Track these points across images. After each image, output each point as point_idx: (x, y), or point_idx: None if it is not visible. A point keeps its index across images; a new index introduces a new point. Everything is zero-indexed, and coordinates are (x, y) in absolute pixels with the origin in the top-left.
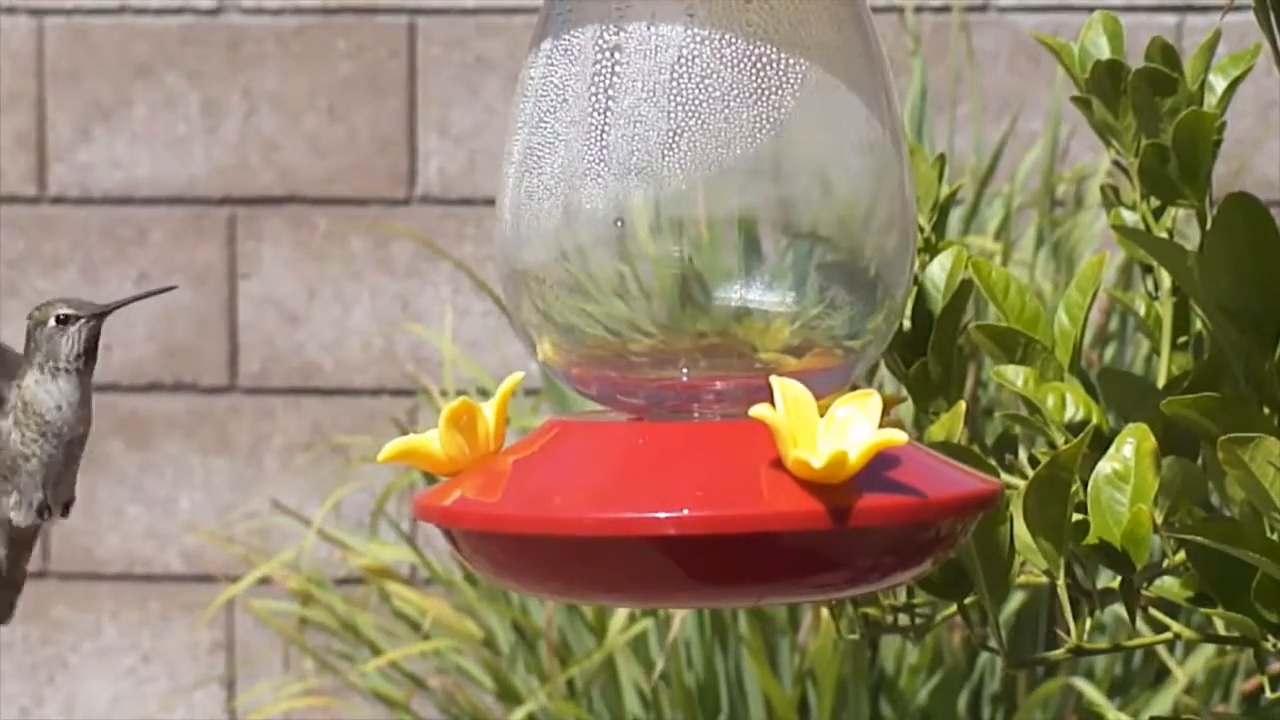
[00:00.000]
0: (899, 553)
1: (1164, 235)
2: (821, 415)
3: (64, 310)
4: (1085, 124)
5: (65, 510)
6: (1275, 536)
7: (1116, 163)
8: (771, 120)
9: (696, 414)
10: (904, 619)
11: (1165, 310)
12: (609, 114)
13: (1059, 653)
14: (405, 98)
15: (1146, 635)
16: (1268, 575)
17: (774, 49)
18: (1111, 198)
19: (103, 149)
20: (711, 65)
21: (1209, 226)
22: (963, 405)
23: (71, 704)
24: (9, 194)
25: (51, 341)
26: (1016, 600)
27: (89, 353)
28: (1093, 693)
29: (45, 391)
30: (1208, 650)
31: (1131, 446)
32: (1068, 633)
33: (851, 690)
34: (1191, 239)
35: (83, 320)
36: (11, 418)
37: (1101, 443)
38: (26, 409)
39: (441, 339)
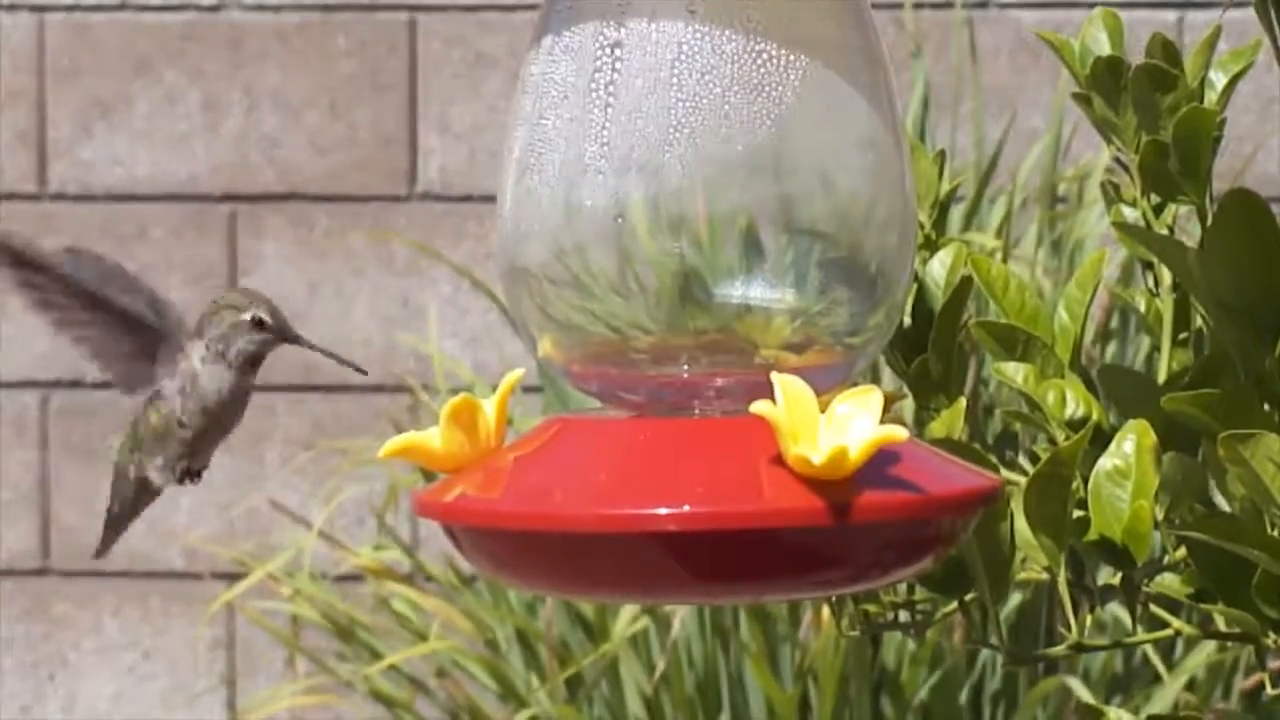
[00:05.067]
0: (899, 549)
1: (1164, 232)
2: (822, 411)
3: (263, 315)
4: (1086, 120)
5: (197, 476)
6: (1276, 533)
7: (1117, 159)
8: (771, 117)
9: (697, 410)
10: (905, 616)
11: (1166, 307)
12: (609, 110)
13: (1059, 649)
14: (406, 95)
15: (1146, 632)
16: (1268, 571)
17: (774, 45)
18: (1112, 194)
19: (103, 146)
20: (711, 62)
21: (1210, 223)
22: (963, 402)
23: (72, 701)
24: (9, 191)
25: (235, 333)
26: (1017, 597)
27: (256, 360)
28: (1085, 693)
29: (210, 374)
30: (1208, 647)
31: (1132, 443)
32: (1069, 629)
33: (853, 688)
34: (1192, 235)
35: (272, 335)
36: (179, 384)
37: (1102, 439)
38: (195, 382)
39: (436, 338)
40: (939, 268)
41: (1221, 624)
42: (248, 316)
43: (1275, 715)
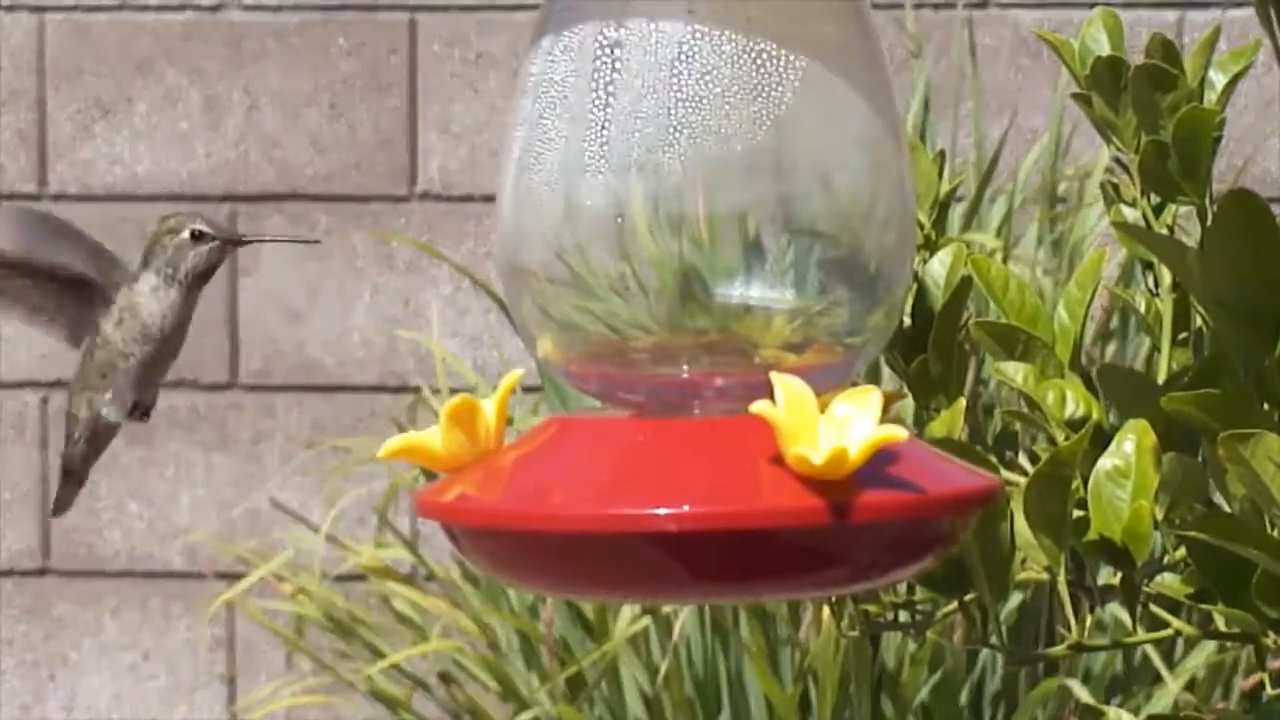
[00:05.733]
0: (899, 549)
1: (1164, 232)
2: (822, 411)
3: (200, 227)
4: (1086, 120)
5: (146, 414)
6: (1276, 533)
7: (1117, 159)
8: (771, 117)
9: (697, 410)
10: (905, 616)
11: (1166, 307)
12: (609, 110)
13: (1059, 649)
14: (406, 94)
15: (1146, 632)
16: (1268, 571)
17: (773, 45)
18: (1112, 194)
19: (104, 146)
20: (711, 61)
21: (1209, 223)
22: (963, 402)
23: (72, 701)
24: (10, 191)
25: (178, 252)
26: (1017, 597)
27: (208, 273)
28: (1085, 694)
29: (156, 299)
30: (1209, 647)
31: (1132, 443)
32: (1069, 629)
33: (853, 688)
34: (1192, 235)
35: (216, 242)
36: (116, 317)
37: (1102, 439)
38: (134, 312)
39: (437, 337)
40: (939, 268)
41: (1221, 624)
42: (186, 233)
43: (1275, 715)
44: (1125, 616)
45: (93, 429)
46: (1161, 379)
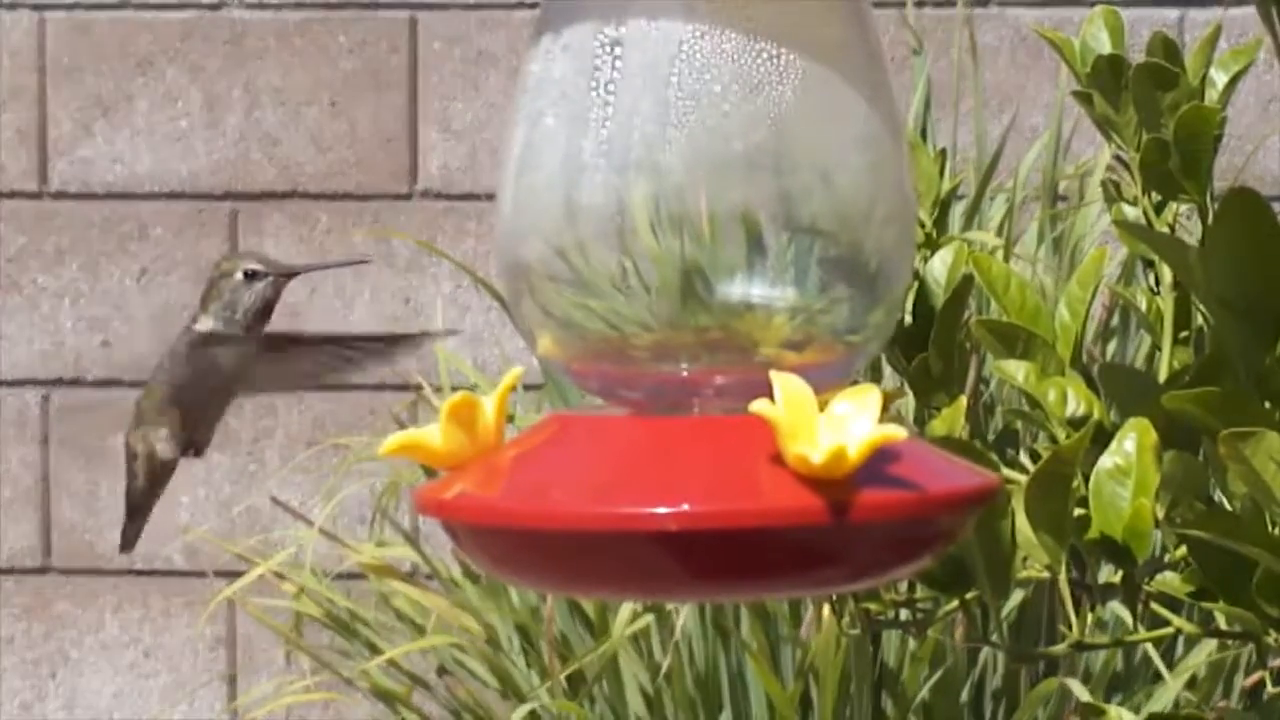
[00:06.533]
0: (898, 547)
1: (1165, 230)
2: (822, 410)
3: (253, 266)
4: (1087, 118)
5: (200, 451)
6: (1276, 531)
7: (1118, 157)
8: (771, 114)
9: (696, 409)
10: (906, 614)
11: (1167, 305)
12: (609, 108)
13: (1060, 647)
14: (407, 92)
15: (1147, 631)
16: (1269, 570)
17: (774, 43)
18: (1113, 193)
19: (104, 144)
20: (711, 59)
21: (1210, 221)
22: (964, 400)
23: (73, 699)
24: (10, 189)
25: (234, 294)
26: (1018, 595)
27: (266, 310)
28: (1085, 692)
29: (214, 339)
30: (1209, 645)
31: (1133, 441)
32: (1069, 627)
33: (854, 686)
34: (1193, 234)
35: (269, 278)
36: (177, 357)
37: (1103, 438)
38: (190, 352)
39: (441, 336)
40: (940, 266)
41: (1222, 622)
42: (240, 275)
43: (1276, 713)
44: (1126, 615)
45: (150, 465)
46: (1162, 377)
